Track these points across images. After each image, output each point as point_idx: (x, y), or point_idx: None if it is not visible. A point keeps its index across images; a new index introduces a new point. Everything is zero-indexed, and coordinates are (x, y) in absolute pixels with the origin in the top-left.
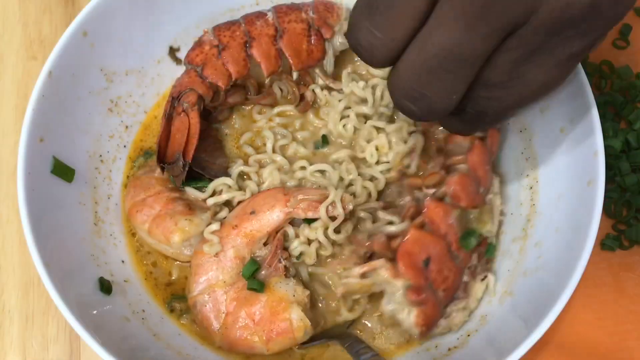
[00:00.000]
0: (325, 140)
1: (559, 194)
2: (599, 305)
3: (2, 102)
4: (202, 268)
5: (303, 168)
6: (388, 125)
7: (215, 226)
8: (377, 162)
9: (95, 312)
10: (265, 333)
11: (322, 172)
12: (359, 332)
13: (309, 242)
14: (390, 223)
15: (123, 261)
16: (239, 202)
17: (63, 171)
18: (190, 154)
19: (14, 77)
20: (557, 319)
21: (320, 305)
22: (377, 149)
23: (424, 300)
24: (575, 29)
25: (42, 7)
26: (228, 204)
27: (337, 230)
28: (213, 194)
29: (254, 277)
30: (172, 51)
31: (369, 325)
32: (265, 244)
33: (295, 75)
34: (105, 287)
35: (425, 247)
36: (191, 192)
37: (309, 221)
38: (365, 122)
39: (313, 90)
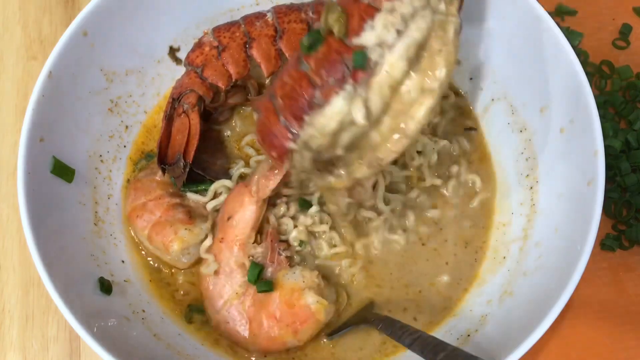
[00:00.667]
0: None
1: (559, 194)
2: (599, 305)
3: (2, 102)
4: (212, 290)
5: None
6: None
7: (208, 242)
8: None
9: (95, 312)
10: (290, 326)
11: None
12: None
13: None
14: None
15: (123, 261)
16: None
17: (63, 171)
18: (191, 154)
19: (14, 77)
20: (557, 319)
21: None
22: None
23: (259, 106)
24: None
25: (42, 7)
26: None
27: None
28: (214, 196)
29: (260, 279)
30: (172, 51)
31: None
32: (259, 242)
33: None
34: (106, 287)
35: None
36: (192, 197)
37: (304, 205)
38: None
39: None
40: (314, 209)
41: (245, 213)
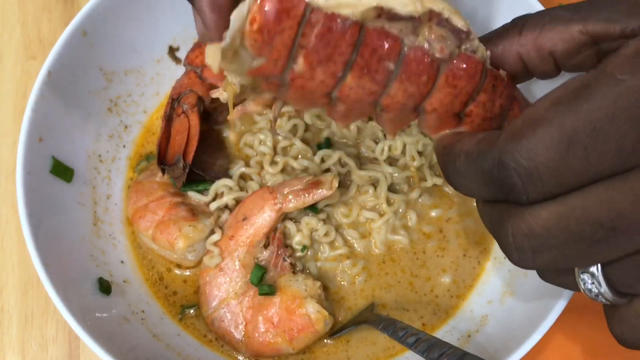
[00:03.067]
0: (327, 143)
1: None
2: (600, 306)
3: (1, 101)
4: (210, 285)
5: (305, 169)
6: (407, 137)
7: (217, 236)
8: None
9: (94, 312)
10: (287, 333)
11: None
12: (389, 312)
13: (312, 232)
14: None
15: (122, 261)
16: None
17: (62, 171)
18: (191, 155)
19: (13, 76)
20: (558, 320)
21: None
22: (389, 149)
23: None
24: None
25: (41, 6)
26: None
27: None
28: (215, 196)
29: (262, 282)
30: (172, 51)
31: None
32: (266, 246)
33: None
34: (105, 287)
35: None
36: (193, 196)
37: (315, 210)
38: (368, 122)
39: None
40: (318, 223)
41: (263, 218)
